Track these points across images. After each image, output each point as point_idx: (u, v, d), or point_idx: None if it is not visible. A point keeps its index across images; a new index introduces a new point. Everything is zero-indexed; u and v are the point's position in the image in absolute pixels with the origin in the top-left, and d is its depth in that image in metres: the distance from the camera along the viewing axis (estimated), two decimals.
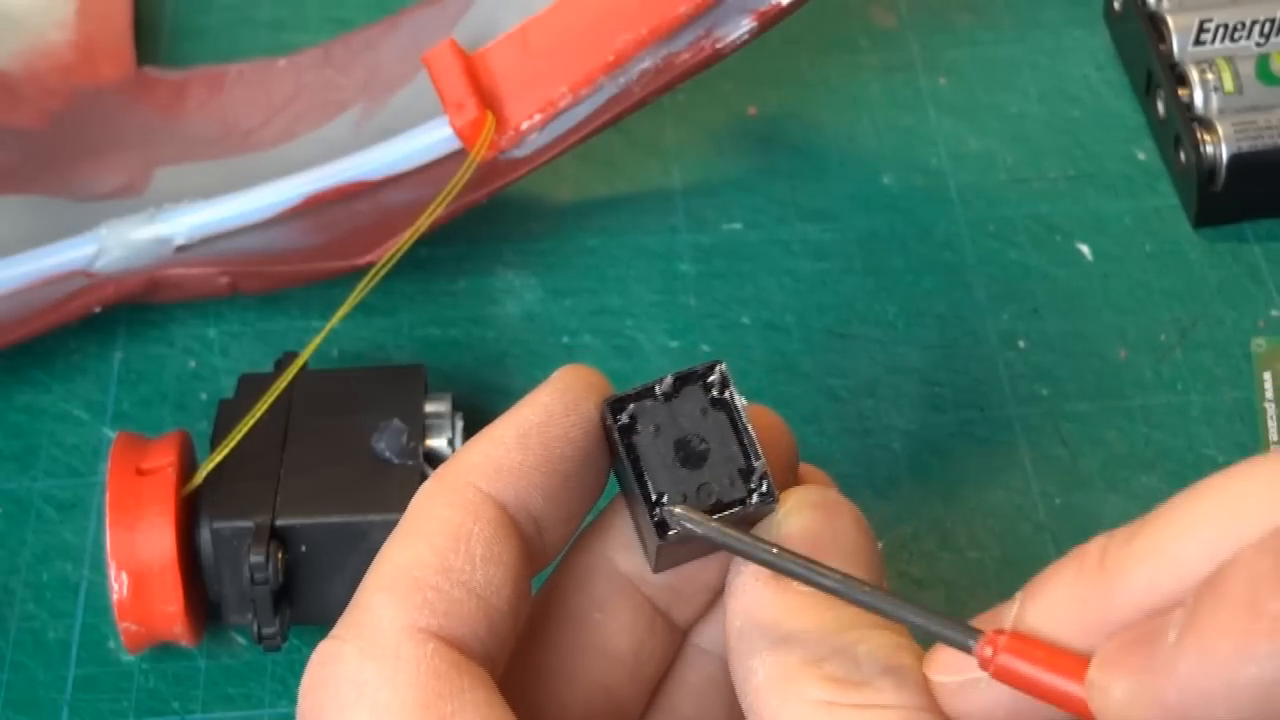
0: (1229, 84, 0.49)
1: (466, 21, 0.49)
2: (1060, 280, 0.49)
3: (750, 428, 0.27)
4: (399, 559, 0.26)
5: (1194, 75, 0.49)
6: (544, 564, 0.28)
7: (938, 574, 0.43)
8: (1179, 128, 0.49)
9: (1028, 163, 0.52)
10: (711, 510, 0.27)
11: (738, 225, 0.50)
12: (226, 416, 0.41)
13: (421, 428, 0.41)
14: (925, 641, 0.26)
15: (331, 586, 0.40)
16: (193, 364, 0.47)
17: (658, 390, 0.27)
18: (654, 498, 0.27)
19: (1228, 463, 0.44)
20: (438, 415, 0.41)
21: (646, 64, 0.45)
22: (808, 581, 0.25)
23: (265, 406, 0.40)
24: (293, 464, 0.40)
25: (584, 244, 0.50)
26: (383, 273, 0.42)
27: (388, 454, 0.40)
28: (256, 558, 0.38)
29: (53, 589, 0.43)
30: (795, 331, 0.48)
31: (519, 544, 0.27)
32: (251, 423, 0.40)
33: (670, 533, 0.26)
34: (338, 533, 0.39)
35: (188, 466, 0.40)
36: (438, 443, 0.41)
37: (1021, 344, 0.47)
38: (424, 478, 0.40)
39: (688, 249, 0.50)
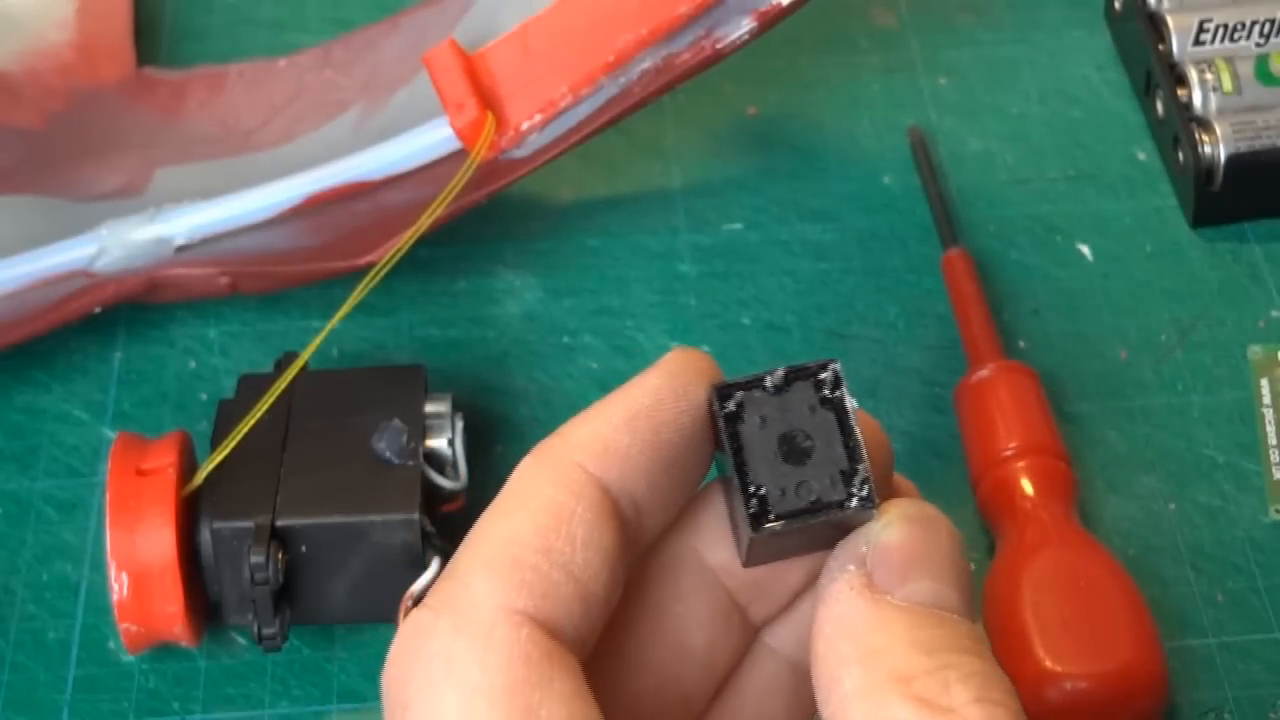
0: (1228, 84, 0.49)
1: (467, 22, 0.49)
2: (1060, 280, 0.49)
3: (858, 431, 0.27)
4: (498, 534, 0.26)
5: (1193, 75, 0.49)
6: (638, 550, 0.28)
7: None
8: (1177, 128, 0.49)
9: (1028, 163, 0.52)
10: (809, 509, 0.26)
11: (738, 225, 0.50)
12: (226, 416, 0.41)
13: (421, 428, 0.41)
14: None
15: (331, 586, 0.40)
16: (193, 364, 0.47)
17: (768, 382, 0.27)
18: (753, 489, 0.26)
19: (1228, 463, 0.45)
20: (438, 415, 0.41)
21: (647, 64, 0.45)
22: None
23: (265, 406, 0.40)
24: (293, 464, 0.40)
25: (584, 244, 0.50)
26: (383, 273, 0.42)
27: (388, 454, 0.40)
28: (256, 558, 0.38)
29: (53, 589, 0.43)
30: (795, 332, 0.48)
31: (619, 528, 0.27)
32: (251, 423, 0.40)
33: (765, 526, 0.26)
34: (338, 533, 0.39)
35: (188, 467, 0.40)
36: (438, 443, 0.41)
37: (1021, 344, 0.47)
38: (424, 477, 0.40)
39: (688, 249, 0.50)
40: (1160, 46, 0.51)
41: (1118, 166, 0.52)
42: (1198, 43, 0.50)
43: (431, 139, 0.45)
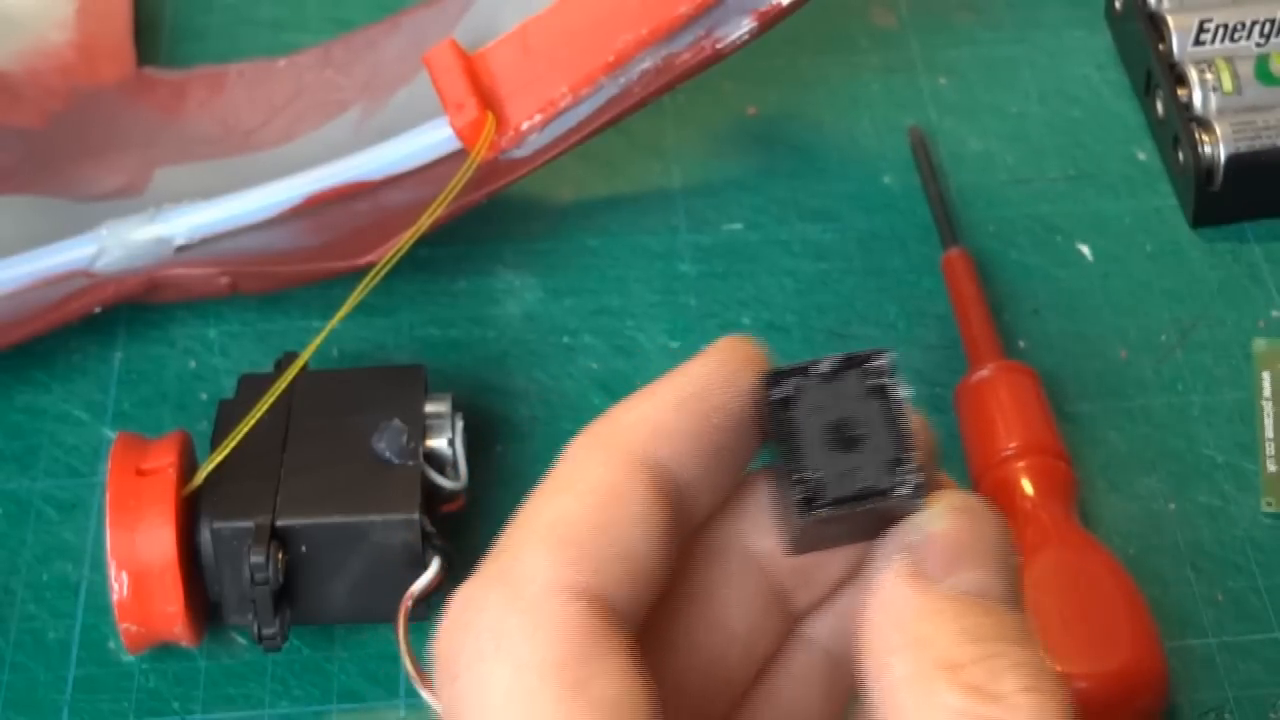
0: (1228, 84, 0.49)
1: (467, 22, 0.49)
2: (1060, 281, 0.49)
3: (908, 421, 0.27)
4: (549, 512, 0.26)
5: (1193, 75, 0.49)
6: (686, 532, 0.28)
7: None
8: (1177, 128, 0.49)
9: (1028, 163, 0.52)
10: (858, 496, 0.26)
11: (738, 225, 0.50)
12: (226, 416, 0.41)
13: (421, 428, 0.41)
14: None
15: (331, 586, 0.40)
16: (193, 364, 0.47)
17: (818, 370, 0.27)
18: (801, 476, 0.26)
19: (1228, 463, 0.45)
20: (438, 415, 0.41)
21: (647, 64, 0.45)
22: None
23: (265, 406, 0.40)
24: (293, 464, 0.40)
25: (584, 244, 0.50)
26: (383, 273, 0.42)
27: (388, 454, 0.40)
28: (256, 558, 0.38)
29: (53, 589, 0.43)
30: (796, 332, 0.48)
31: (668, 509, 0.27)
32: (251, 423, 0.40)
33: (813, 512, 0.26)
34: (338, 533, 0.39)
35: (188, 467, 0.40)
36: (438, 443, 0.41)
37: (1022, 344, 0.47)
38: (424, 477, 0.40)
39: (688, 249, 0.50)
40: (1160, 46, 0.51)
41: (1118, 166, 0.52)
42: (1198, 43, 0.50)
43: (431, 139, 0.45)
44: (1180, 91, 0.50)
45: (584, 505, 0.26)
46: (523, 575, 0.25)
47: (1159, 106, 0.51)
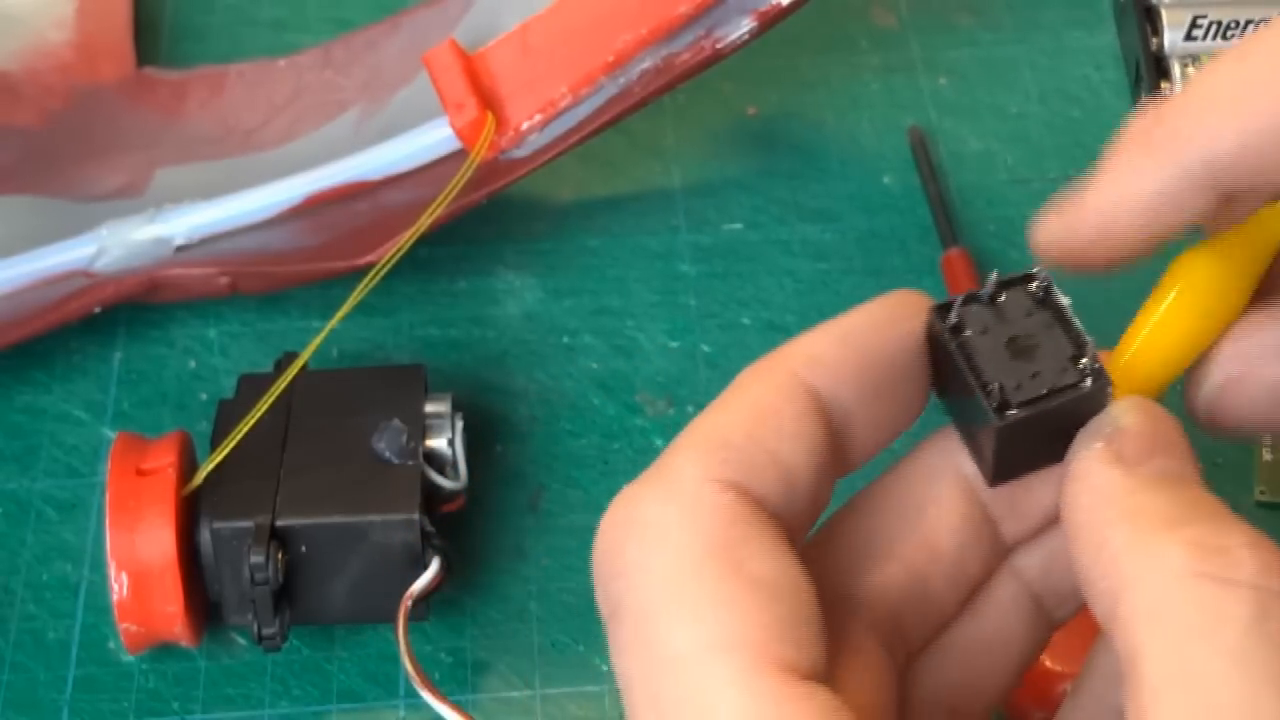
0: None
1: (467, 22, 0.49)
2: (1060, 281, 0.49)
3: (1077, 321, 0.28)
4: (706, 424, 0.27)
5: (1175, 69, 0.49)
6: (849, 469, 0.29)
7: None
8: None
9: (1028, 163, 0.52)
10: (1047, 395, 0.27)
11: (738, 225, 0.50)
12: (226, 416, 0.41)
13: (421, 428, 0.41)
14: None
15: (331, 586, 0.40)
16: (193, 364, 0.47)
17: (981, 295, 0.29)
18: (989, 387, 0.27)
19: (1227, 463, 0.45)
20: (438, 415, 0.41)
21: (646, 64, 0.45)
22: None
23: (265, 406, 0.40)
24: (293, 464, 0.40)
25: (584, 244, 0.50)
26: (383, 273, 0.42)
27: (388, 454, 0.40)
28: (256, 558, 0.38)
29: (53, 589, 0.43)
30: (796, 332, 0.47)
31: (825, 432, 0.28)
32: (251, 423, 0.40)
33: (1007, 415, 0.27)
34: (338, 533, 0.39)
35: (188, 467, 0.40)
36: (438, 443, 0.41)
37: None
38: (424, 477, 0.40)
39: (688, 249, 0.50)
40: (1154, 40, 0.51)
41: None
42: (1189, 38, 0.50)
43: (431, 139, 0.46)
44: (1163, 85, 0.50)
45: (739, 416, 0.27)
46: (678, 474, 0.27)
47: (1142, 99, 0.51)
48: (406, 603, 0.39)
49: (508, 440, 0.46)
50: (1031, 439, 0.28)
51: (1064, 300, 0.29)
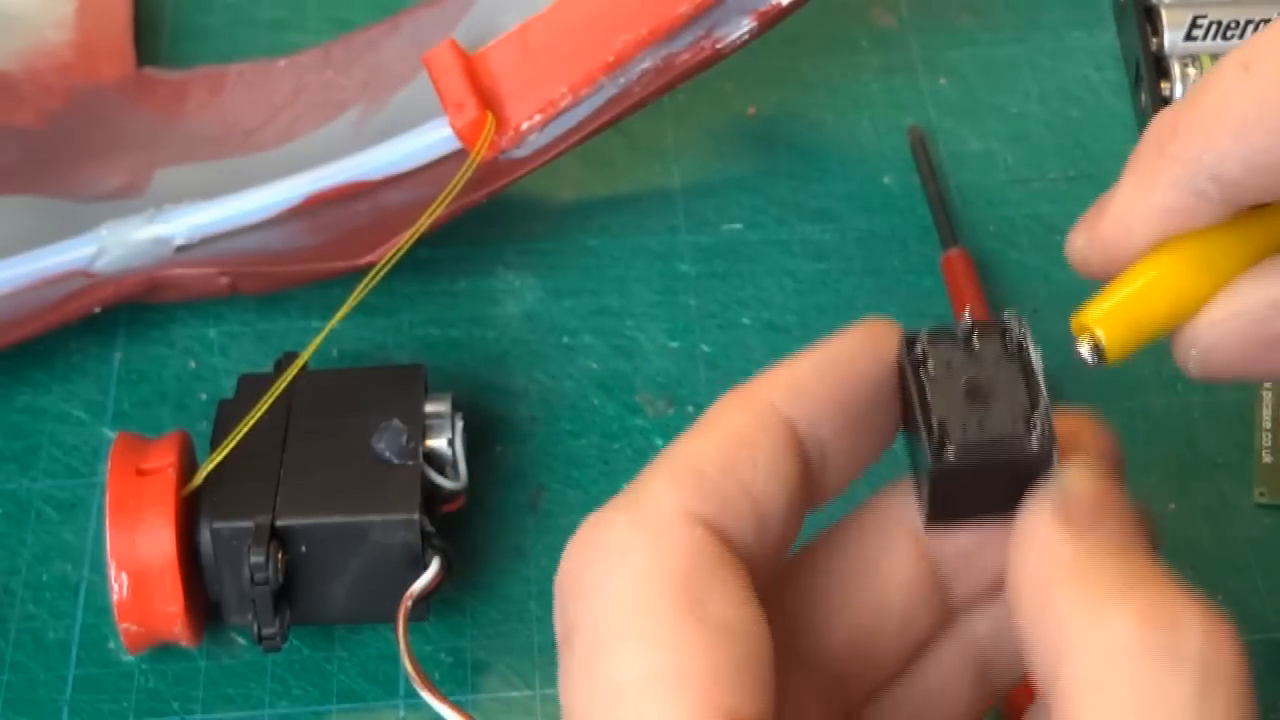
0: None
1: (467, 22, 0.49)
2: (1060, 281, 0.49)
3: (1042, 380, 0.28)
4: (683, 451, 0.27)
5: (1175, 69, 0.49)
6: (821, 501, 0.29)
7: None
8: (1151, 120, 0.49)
9: (1028, 163, 0.52)
10: (990, 444, 0.27)
11: (738, 225, 0.50)
12: (226, 417, 0.41)
13: (421, 428, 0.41)
14: None
15: (331, 586, 0.40)
16: (193, 364, 0.47)
17: (955, 333, 0.28)
18: (935, 422, 0.27)
19: (1227, 464, 0.45)
20: (438, 415, 0.41)
21: (646, 64, 0.45)
22: None
23: (265, 406, 0.40)
24: (293, 464, 0.40)
25: (584, 244, 0.50)
26: (383, 273, 0.42)
27: (388, 454, 0.40)
28: (256, 558, 0.38)
29: (53, 589, 0.43)
30: (796, 332, 0.48)
31: (801, 466, 0.28)
32: (251, 423, 0.40)
33: (945, 457, 0.27)
34: (338, 533, 0.39)
35: (188, 467, 0.40)
36: (438, 443, 0.41)
37: None
38: (424, 477, 0.40)
39: (688, 249, 0.50)
40: (1153, 40, 0.51)
41: (1118, 166, 0.51)
42: (1189, 38, 0.50)
43: (431, 139, 0.46)
44: (1163, 85, 0.50)
45: (715, 447, 0.27)
46: (650, 500, 0.26)
47: (1142, 99, 0.51)
48: (406, 603, 0.39)
49: (508, 440, 0.46)
50: (971, 486, 0.28)
51: (1036, 356, 0.28)
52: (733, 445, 0.27)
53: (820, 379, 0.28)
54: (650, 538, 0.26)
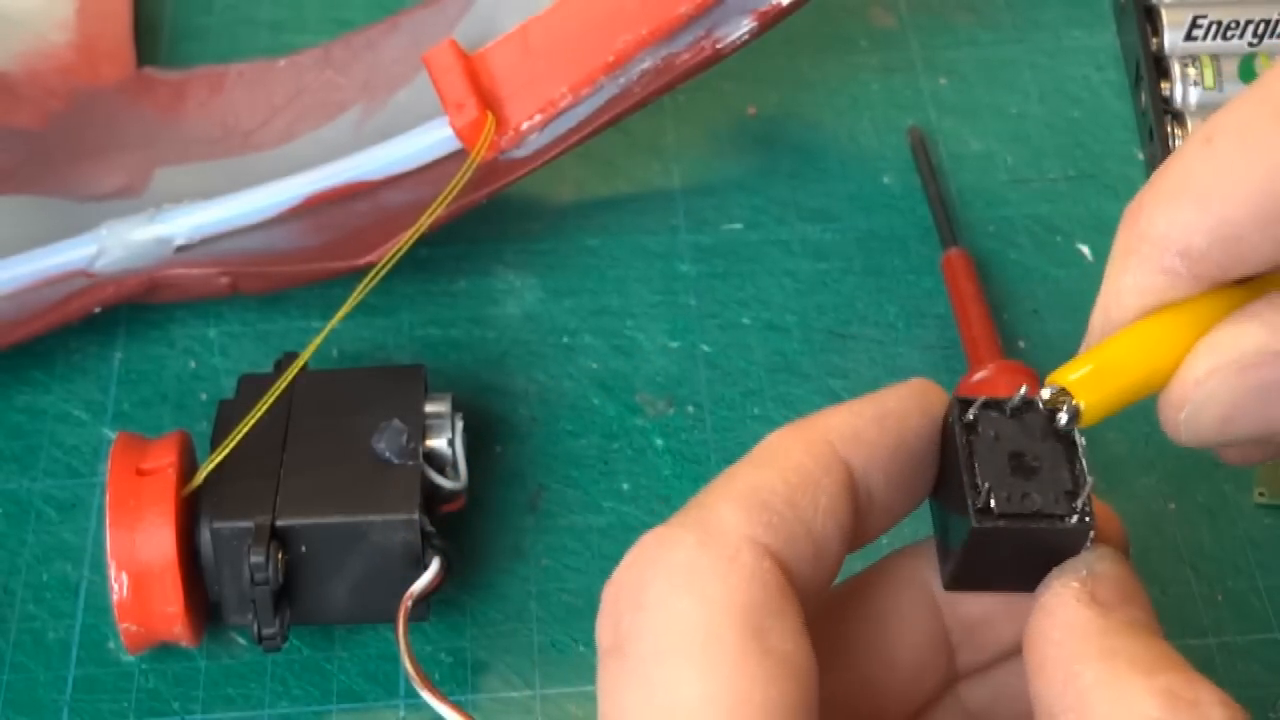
0: (1209, 80, 0.49)
1: (467, 22, 0.49)
2: (1060, 281, 0.49)
3: (1086, 462, 0.28)
4: (749, 479, 0.27)
5: (1175, 69, 0.49)
6: (859, 545, 0.29)
7: None
8: (1153, 121, 0.49)
9: (1028, 163, 0.52)
10: (1031, 515, 0.28)
11: (738, 225, 0.50)
12: (226, 417, 0.41)
13: (421, 428, 0.41)
14: None
15: (331, 586, 0.40)
16: (193, 364, 0.47)
17: (1006, 404, 0.29)
18: (978, 485, 0.28)
19: (1227, 464, 0.45)
20: (438, 415, 0.41)
21: (646, 64, 0.45)
22: None
23: (265, 407, 0.40)
24: (293, 464, 0.40)
25: (584, 244, 0.50)
26: (383, 273, 0.42)
27: (388, 454, 0.40)
28: (256, 558, 0.38)
29: (53, 589, 0.43)
30: (796, 332, 0.48)
31: (854, 510, 0.28)
32: (251, 423, 0.40)
33: (986, 520, 0.27)
34: (338, 533, 0.39)
35: (188, 467, 0.40)
36: (438, 443, 0.41)
37: (1021, 344, 0.47)
38: (424, 477, 0.40)
39: (688, 249, 0.50)
40: (1154, 40, 0.51)
41: (1118, 166, 0.52)
42: (1190, 38, 0.50)
43: (431, 139, 0.45)
44: (1163, 85, 0.50)
45: (782, 481, 0.27)
46: (718, 524, 0.26)
47: (1142, 99, 0.51)
48: (406, 603, 0.39)
49: (508, 440, 0.46)
50: (1000, 554, 0.28)
51: (1081, 440, 0.29)
52: (797, 481, 0.27)
53: (879, 428, 0.28)
54: (719, 563, 0.26)
